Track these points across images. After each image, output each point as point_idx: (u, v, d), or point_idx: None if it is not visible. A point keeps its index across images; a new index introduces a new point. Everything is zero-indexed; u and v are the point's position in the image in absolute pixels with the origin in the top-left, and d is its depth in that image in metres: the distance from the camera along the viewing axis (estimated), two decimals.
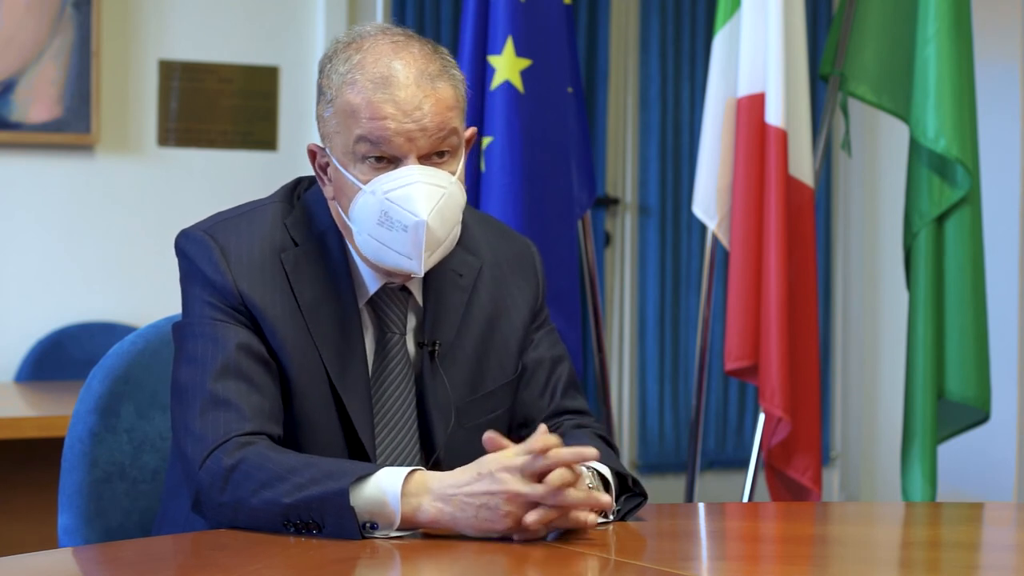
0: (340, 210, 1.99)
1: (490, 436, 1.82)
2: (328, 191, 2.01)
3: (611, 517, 1.91)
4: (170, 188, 4.59)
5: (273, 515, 1.81)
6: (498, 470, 1.77)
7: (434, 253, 1.95)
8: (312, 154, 2.02)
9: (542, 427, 1.83)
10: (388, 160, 1.93)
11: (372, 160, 1.93)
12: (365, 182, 1.93)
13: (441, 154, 1.95)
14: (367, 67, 1.93)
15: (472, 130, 2.02)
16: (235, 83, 4.67)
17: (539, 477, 1.76)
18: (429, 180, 1.92)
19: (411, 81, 1.92)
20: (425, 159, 1.94)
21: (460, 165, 1.98)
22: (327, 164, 2.00)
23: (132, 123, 4.57)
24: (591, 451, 1.81)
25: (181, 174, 4.61)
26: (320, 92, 1.99)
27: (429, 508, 1.78)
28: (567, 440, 2.01)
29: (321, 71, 2.00)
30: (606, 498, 1.82)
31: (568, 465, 1.78)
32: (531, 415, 2.12)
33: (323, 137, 2.00)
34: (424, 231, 1.91)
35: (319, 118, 1.99)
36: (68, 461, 2.15)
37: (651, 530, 1.95)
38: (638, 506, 1.96)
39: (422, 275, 1.97)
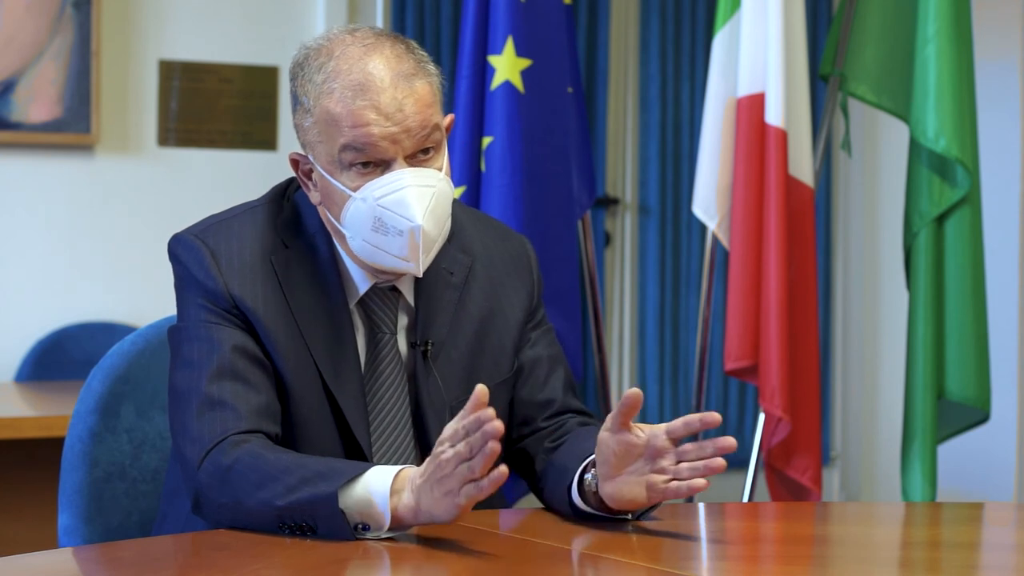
0: (329, 216, 1.99)
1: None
2: (314, 197, 2.01)
3: (629, 516, 1.91)
4: (170, 188, 4.59)
5: (269, 517, 1.81)
6: (437, 445, 1.75)
7: (432, 251, 1.96)
8: (294, 162, 2.01)
9: (477, 388, 1.74)
10: (375, 164, 1.93)
11: (359, 166, 1.93)
12: (354, 189, 1.93)
13: (426, 151, 1.95)
14: (342, 74, 1.92)
15: (450, 117, 2.02)
16: (235, 83, 4.67)
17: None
18: (418, 182, 1.93)
19: (388, 84, 1.92)
20: (411, 158, 1.94)
21: (444, 158, 1.98)
22: (311, 171, 1.99)
23: (132, 123, 4.57)
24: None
25: (181, 174, 4.61)
26: (296, 101, 1.98)
27: (408, 503, 1.78)
28: (578, 439, 2.02)
29: (294, 79, 1.98)
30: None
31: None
32: (531, 413, 2.11)
33: (304, 145, 1.99)
34: (420, 235, 1.92)
35: (298, 127, 1.98)
36: (68, 461, 2.15)
37: (651, 530, 1.95)
38: (655, 506, 1.95)
39: (421, 275, 1.97)
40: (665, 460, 1.84)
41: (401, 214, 1.91)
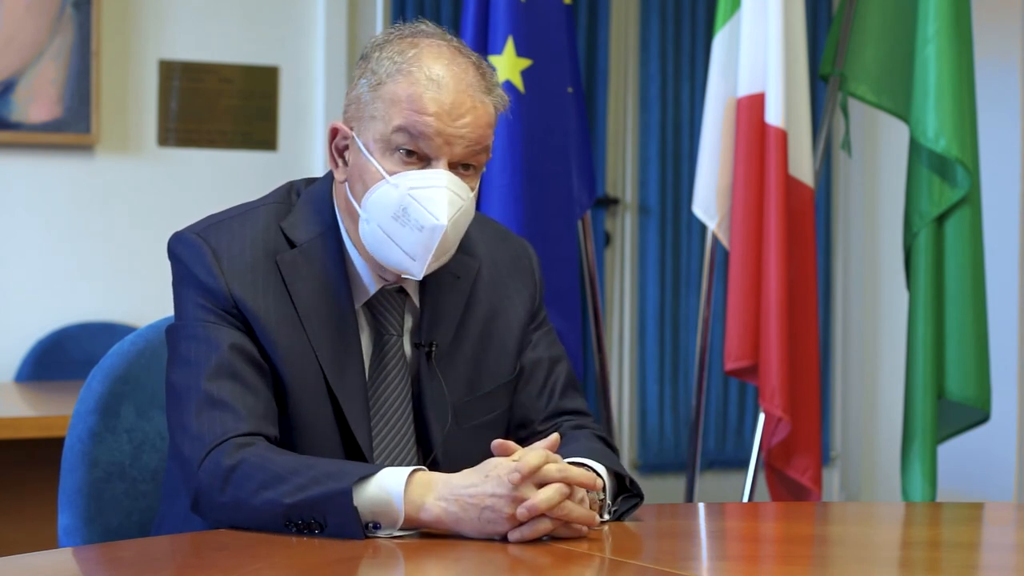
0: (350, 195, 1.99)
1: (499, 443, 1.84)
2: (340, 174, 2.01)
3: (607, 516, 1.91)
4: (170, 188, 4.59)
5: (275, 515, 1.81)
6: (505, 473, 1.78)
7: (439, 259, 1.96)
8: (334, 132, 2.01)
9: (554, 437, 1.86)
10: (419, 157, 1.94)
11: (403, 153, 1.94)
12: (390, 173, 1.94)
13: (467, 167, 1.97)
14: (424, 63, 1.95)
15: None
16: (235, 83, 4.67)
17: (542, 484, 1.78)
18: (453, 188, 1.94)
19: (462, 88, 1.95)
20: (453, 168, 1.95)
21: (477, 183, 2.00)
22: (346, 147, 2.00)
23: (132, 123, 4.57)
24: (600, 483, 1.87)
25: (181, 174, 4.62)
26: (362, 74, 1.99)
27: (433, 507, 1.79)
28: (566, 442, 2.02)
29: (368, 56, 2.00)
30: (596, 519, 1.84)
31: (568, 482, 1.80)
32: (529, 416, 2.12)
33: (353, 119, 1.99)
34: (440, 236, 1.92)
35: (355, 100, 1.99)
36: (68, 461, 2.15)
37: (651, 530, 1.96)
38: (634, 507, 1.96)
39: (420, 279, 1.97)
40: None
41: (430, 210, 1.92)
